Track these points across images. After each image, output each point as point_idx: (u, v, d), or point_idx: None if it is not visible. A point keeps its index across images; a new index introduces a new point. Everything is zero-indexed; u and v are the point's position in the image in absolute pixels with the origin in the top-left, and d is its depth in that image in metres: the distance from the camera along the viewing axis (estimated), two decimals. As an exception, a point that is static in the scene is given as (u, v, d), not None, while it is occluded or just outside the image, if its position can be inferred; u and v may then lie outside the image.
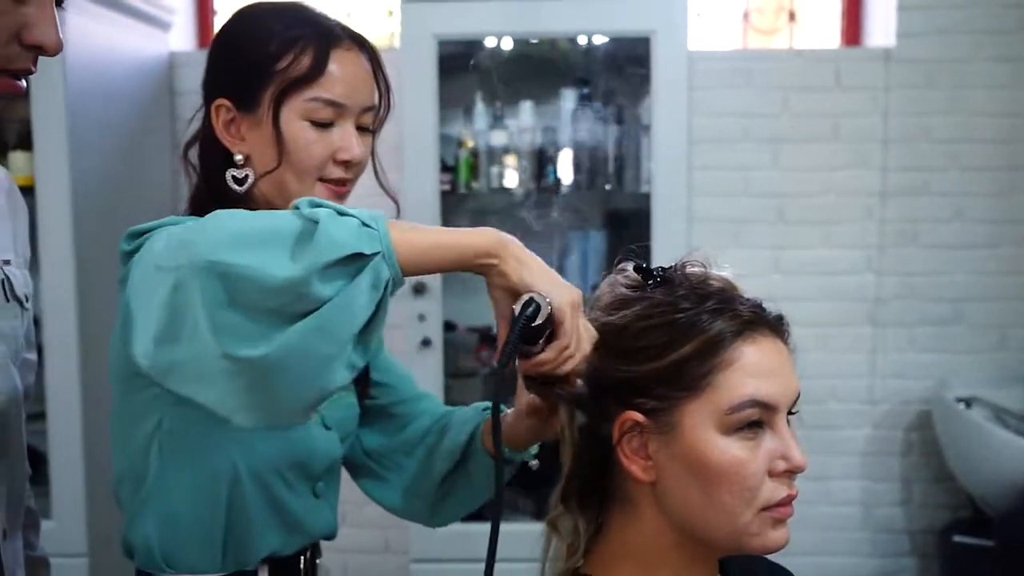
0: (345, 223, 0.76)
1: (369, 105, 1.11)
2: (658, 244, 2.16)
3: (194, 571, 1.07)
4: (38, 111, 2.09)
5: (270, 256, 0.74)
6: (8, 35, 0.88)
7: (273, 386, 0.76)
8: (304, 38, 1.06)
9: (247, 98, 1.06)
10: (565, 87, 2.38)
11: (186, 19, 2.78)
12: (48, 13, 0.90)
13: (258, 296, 0.74)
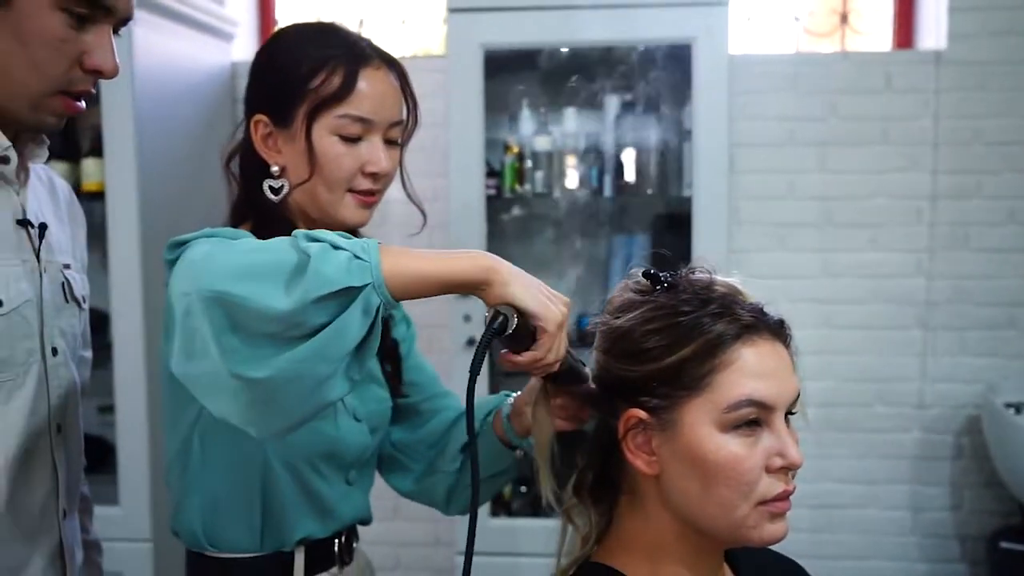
0: (336, 258, 0.81)
1: (396, 120, 1.18)
2: (699, 247, 2.19)
3: (235, 551, 1.15)
4: (108, 120, 2.21)
5: (266, 289, 0.80)
6: (71, 61, 0.98)
7: (276, 402, 0.83)
8: (334, 58, 1.14)
9: (283, 114, 1.15)
10: (609, 93, 2.42)
11: (248, 29, 2.89)
12: (106, 41, 1.00)
13: (256, 324, 0.80)
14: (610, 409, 0.98)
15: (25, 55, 0.97)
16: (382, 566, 2.80)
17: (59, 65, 0.98)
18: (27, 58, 0.97)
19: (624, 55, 2.32)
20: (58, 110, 1.02)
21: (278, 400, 0.83)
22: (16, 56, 0.97)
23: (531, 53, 2.32)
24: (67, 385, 1.11)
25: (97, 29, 0.99)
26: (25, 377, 1.03)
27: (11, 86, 0.99)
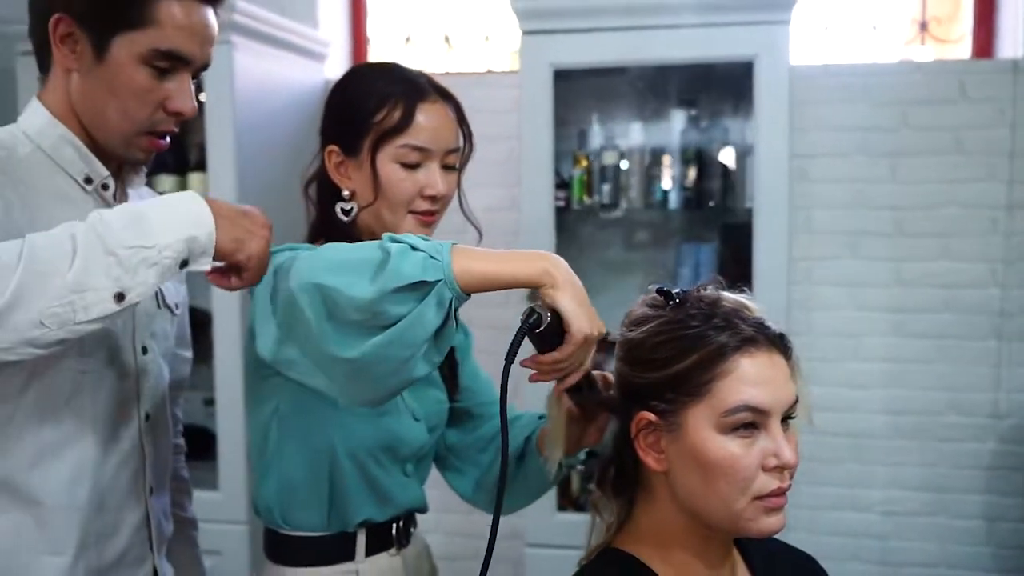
0: (413, 256, 0.97)
1: (452, 148, 1.32)
2: (760, 257, 2.25)
3: (305, 529, 1.31)
4: (212, 137, 2.42)
5: (354, 279, 0.97)
6: (155, 106, 1.16)
7: (364, 378, 1.00)
8: (396, 95, 1.28)
9: (351, 145, 1.30)
10: (674, 107, 2.51)
11: (341, 49, 3.08)
12: (185, 87, 1.17)
13: (347, 311, 0.97)
14: (625, 411, 1.09)
15: (117, 103, 1.15)
16: (462, 555, 2.97)
17: (145, 110, 1.16)
18: (118, 105, 1.15)
19: (688, 70, 2.40)
20: (145, 147, 1.19)
21: (366, 377, 1.00)
22: (110, 104, 1.15)
23: (600, 69, 2.43)
24: (156, 381, 1.28)
25: (177, 78, 1.16)
26: (115, 372, 1.20)
27: (106, 128, 1.17)
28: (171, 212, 1.00)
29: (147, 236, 0.98)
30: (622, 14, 2.26)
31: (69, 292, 0.94)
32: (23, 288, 0.93)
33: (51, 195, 1.15)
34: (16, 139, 1.17)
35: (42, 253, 0.95)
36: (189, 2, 1.14)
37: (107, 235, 0.96)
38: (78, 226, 0.98)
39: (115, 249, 0.96)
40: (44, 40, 1.16)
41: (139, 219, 0.99)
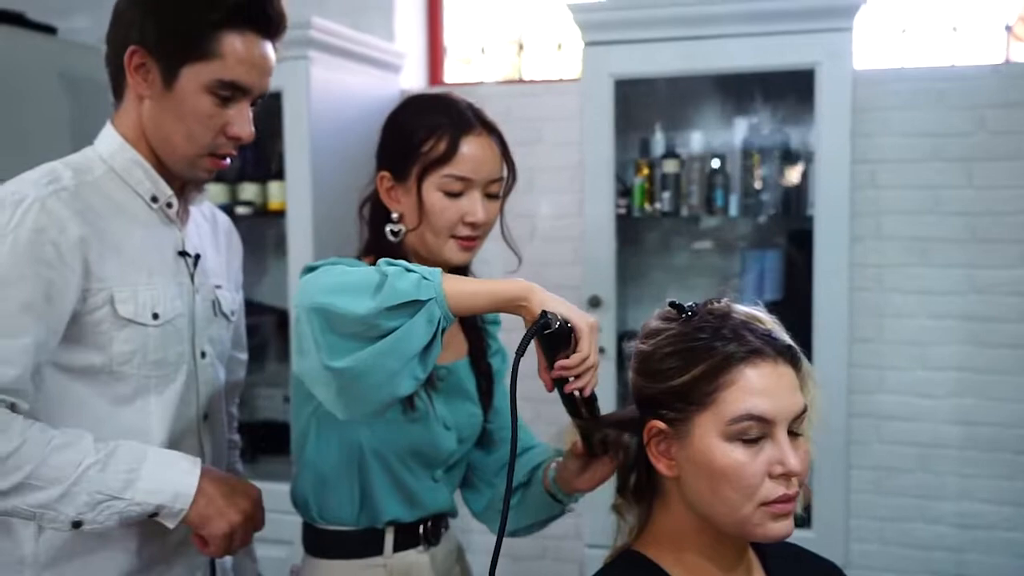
0: (407, 277, 1.05)
1: (495, 178, 1.39)
2: (821, 263, 2.25)
3: (336, 523, 1.39)
4: (289, 148, 2.55)
5: (353, 298, 1.04)
6: (216, 131, 1.27)
7: (354, 389, 1.07)
8: (442, 126, 1.35)
9: (401, 172, 1.38)
10: (736, 115, 2.52)
11: (417, 59, 3.18)
12: (244, 114, 1.28)
13: (344, 325, 1.04)
14: (640, 420, 1.14)
15: (183, 127, 1.26)
16: (526, 555, 3.04)
17: (207, 135, 1.27)
18: (184, 130, 1.26)
19: (751, 77, 2.40)
20: (207, 167, 1.30)
21: (357, 387, 1.06)
22: (176, 128, 1.26)
23: (662, 77, 2.45)
24: (213, 382, 1.38)
25: (237, 105, 1.27)
26: (176, 374, 1.31)
27: (173, 151, 1.28)
28: (160, 479, 1.19)
29: (126, 490, 1.17)
30: (682, 24, 2.28)
31: (40, 507, 1.15)
32: (17, 488, 1.13)
33: (121, 212, 1.27)
34: (91, 161, 1.29)
35: (47, 471, 1.14)
36: (250, 37, 1.25)
37: (90, 483, 1.15)
38: (90, 453, 1.16)
39: (92, 495, 1.16)
40: (119, 69, 1.27)
41: (133, 471, 1.18)
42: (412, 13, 3.16)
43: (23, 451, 1.12)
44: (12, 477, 1.12)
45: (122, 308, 1.24)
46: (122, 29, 1.26)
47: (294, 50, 2.48)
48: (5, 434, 1.12)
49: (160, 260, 1.31)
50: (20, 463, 1.12)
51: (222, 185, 2.78)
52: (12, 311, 1.14)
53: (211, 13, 1.22)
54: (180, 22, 1.23)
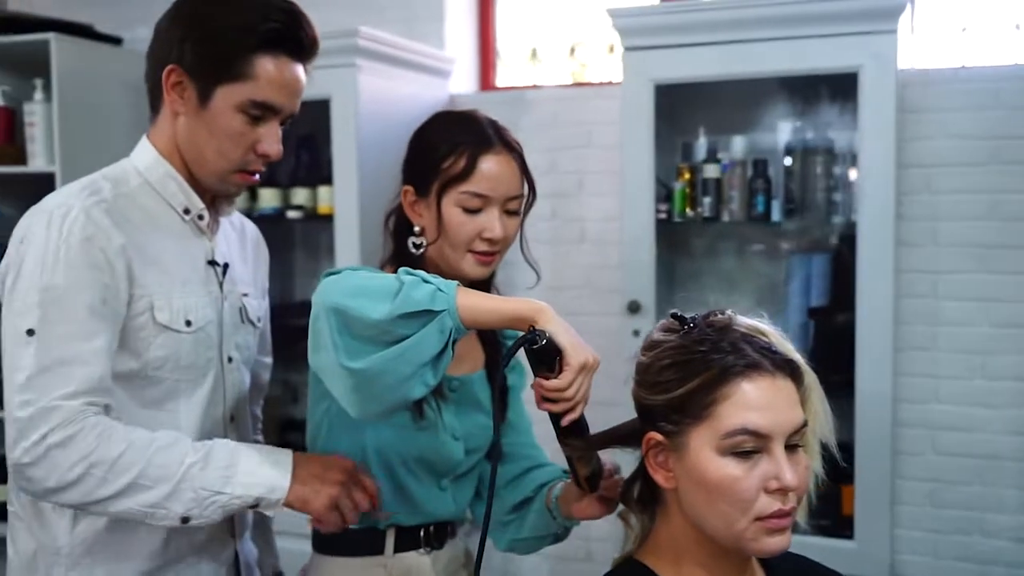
0: (423, 287, 1.09)
1: (514, 195, 1.40)
2: (864, 269, 2.21)
3: None
4: (337, 153, 2.61)
5: (370, 303, 1.09)
6: (247, 147, 1.32)
7: (367, 390, 1.11)
8: (462, 144, 1.38)
9: (423, 187, 1.41)
10: (779, 118, 2.48)
11: (467, 63, 3.21)
12: (274, 132, 1.33)
13: (360, 328, 1.09)
14: (641, 431, 1.14)
15: (215, 144, 1.31)
16: (573, 556, 3.05)
17: (238, 152, 1.32)
18: (216, 146, 1.32)
19: (793, 82, 2.37)
20: (237, 182, 1.36)
21: (370, 388, 1.11)
22: (209, 144, 1.32)
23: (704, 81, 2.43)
24: (239, 386, 1.44)
25: (267, 124, 1.32)
26: (204, 378, 1.37)
27: (204, 166, 1.34)
28: (255, 472, 1.24)
29: (227, 484, 1.22)
30: (723, 28, 2.26)
31: (151, 507, 1.20)
32: (126, 490, 1.19)
33: (154, 223, 1.33)
34: (128, 174, 1.35)
35: (154, 471, 1.20)
36: (283, 61, 1.30)
37: (193, 480, 1.21)
38: (190, 453, 1.22)
39: (197, 491, 1.21)
40: (157, 86, 1.33)
41: (230, 467, 1.23)
42: (464, 19, 3.19)
43: (129, 454, 1.18)
44: (122, 479, 1.18)
45: (160, 315, 1.30)
46: (162, 48, 1.32)
47: (342, 58, 2.54)
48: (110, 439, 1.18)
49: (192, 269, 1.36)
50: (128, 465, 1.18)
51: (275, 190, 2.86)
52: (82, 316, 1.21)
53: (247, 37, 1.27)
54: (217, 45, 1.28)
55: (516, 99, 3.04)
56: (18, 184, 3.05)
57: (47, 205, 1.27)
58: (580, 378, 1.10)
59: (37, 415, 1.17)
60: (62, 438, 1.17)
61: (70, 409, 1.18)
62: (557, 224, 2.99)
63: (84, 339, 1.21)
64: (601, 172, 2.92)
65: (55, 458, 1.17)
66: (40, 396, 1.18)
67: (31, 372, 1.19)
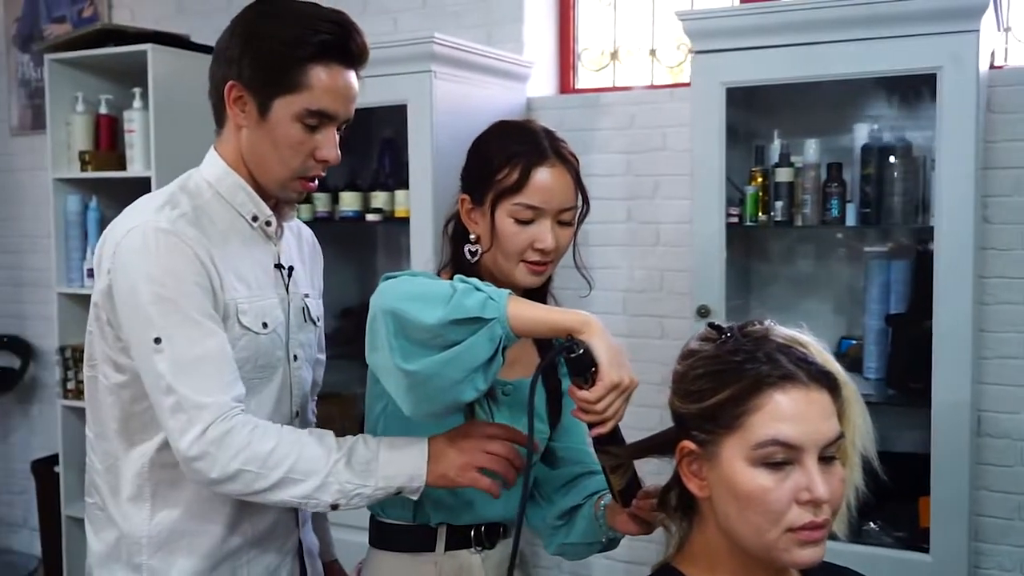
0: (475, 295, 1.15)
1: (567, 207, 1.44)
2: (941, 275, 2.14)
3: (395, 518, 1.49)
4: (413, 158, 2.67)
5: (424, 308, 1.15)
6: (306, 155, 1.39)
7: (420, 391, 1.17)
8: (517, 156, 1.41)
9: (478, 196, 1.45)
10: (855, 121, 2.43)
11: (549, 66, 3.24)
12: (331, 139, 1.40)
13: (414, 331, 1.15)
14: (676, 439, 1.15)
15: (276, 153, 1.38)
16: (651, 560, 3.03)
17: (298, 159, 1.39)
18: (277, 156, 1.38)
19: (869, 83, 2.31)
20: (298, 189, 1.43)
21: (423, 389, 1.17)
22: (271, 154, 1.39)
23: (778, 84, 2.40)
24: (303, 383, 1.51)
25: (324, 131, 1.39)
26: (274, 377, 1.44)
27: (268, 174, 1.41)
28: (395, 466, 1.29)
29: (368, 478, 1.29)
30: (794, 31, 2.23)
31: (303, 498, 1.29)
32: (280, 483, 1.28)
33: (227, 231, 1.41)
34: (200, 186, 1.43)
35: (303, 465, 1.28)
36: (335, 69, 1.36)
37: (339, 475, 1.28)
38: (332, 451, 1.29)
39: (343, 484, 1.28)
40: (220, 101, 1.40)
41: (371, 462, 1.29)
42: (544, 22, 3.21)
43: (280, 449, 1.27)
44: (275, 473, 1.26)
45: (244, 318, 1.38)
46: (222, 66, 1.39)
47: (417, 64, 2.60)
48: (264, 435, 1.27)
49: (263, 273, 1.44)
50: (280, 460, 1.26)
51: (356, 193, 2.94)
52: (199, 318, 1.29)
53: (299, 50, 1.34)
54: (272, 59, 1.34)
55: (592, 102, 3.06)
56: (119, 188, 3.22)
57: (134, 221, 1.34)
58: (612, 395, 1.14)
59: (192, 412, 1.26)
60: (219, 433, 1.26)
61: (219, 405, 1.27)
62: (632, 227, 2.99)
63: (209, 339, 1.29)
64: (676, 175, 2.90)
65: (215, 453, 1.26)
66: (188, 395, 1.26)
67: (171, 376, 1.27)
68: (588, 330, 1.15)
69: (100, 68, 3.24)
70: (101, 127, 3.24)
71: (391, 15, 3.27)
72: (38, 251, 3.93)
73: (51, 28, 3.91)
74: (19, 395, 4.12)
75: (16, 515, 4.17)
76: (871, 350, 2.48)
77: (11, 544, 4.18)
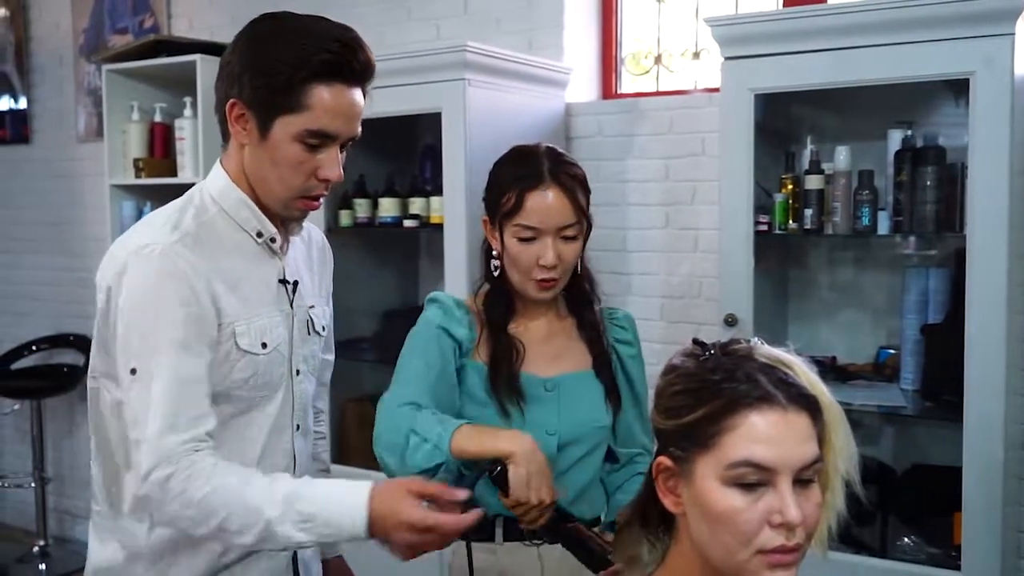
0: (422, 449, 1.44)
1: (565, 224, 1.55)
2: (974, 285, 2.09)
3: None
4: (447, 166, 2.70)
5: (389, 457, 1.50)
6: (307, 175, 1.39)
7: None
8: (515, 182, 1.55)
9: (492, 218, 1.60)
10: (888, 127, 2.37)
11: (590, 71, 3.24)
12: (333, 157, 1.39)
13: (386, 470, 1.52)
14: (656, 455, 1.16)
15: (277, 173, 1.38)
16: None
17: (299, 179, 1.38)
18: (277, 175, 1.38)
19: (900, 89, 2.26)
20: (300, 208, 1.43)
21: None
22: (271, 173, 1.39)
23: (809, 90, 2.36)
24: (305, 396, 1.53)
25: (326, 150, 1.38)
26: (276, 392, 1.46)
27: (269, 193, 1.41)
28: (331, 523, 1.27)
29: (307, 534, 1.27)
30: (825, 36, 2.19)
31: (250, 546, 1.31)
32: (218, 533, 1.29)
33: (233, 249, 1.41)
34: (205, 202, 1.42)
35: (237, 521, 1.27)
36: (337, 88, 1.34)
37: (278, 530, 1.26)
38: (267, 507, 1.26)
39: (280, 539, 1.28)
40: (224, 118, 1.40)
41: (307, 521, 1.26)
42: (585, 28, 3.22)
43: (212, 499, 1.25)
44: (211, 522, 1.26)
45: (241, 341, 1.38)
46: (225, 82, 1.39)
47: (451, 72, 2.63)
48: (197, 484, 1.26)
49: (266, 290, 1.44)
50: (212, 510, 1.25)
51: (394, 200, 2.99)
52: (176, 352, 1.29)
53: (300, 70, 1.32)
54: (272, 78, 1.33)
55: (630, 107, 3.05)
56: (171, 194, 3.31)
57: (136, 241, 1.35)
58: (521, 508, 1.42)
59: (146, 452, 1.27)
60: (161, 477, 1.26)
61: (168, 448, 1.26)
62: (670, 232, 2.98)
63: (181, 374, 1.29)
64: (715, 180, 2.87)
65: (155, 496, 1.27)
66: (144, 433, 1.27)
67: (137, 409, 1.28)
68: (513, 459, 1.41)
69: (154, 78, 3.36)
70: (155, 135, 3.36)
71: (433, 22, 3.31)
72: (100, 254, 4.07)
73: (114, 39, 4.06)
74: (84, 391, 4.28)
75: (80, 507, 4.34)
76: (907, 361, 2.42)
77: (76, 535, 4.36)
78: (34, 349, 4.31)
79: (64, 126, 4.30)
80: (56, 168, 4.36)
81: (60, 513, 4.47)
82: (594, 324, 1.65)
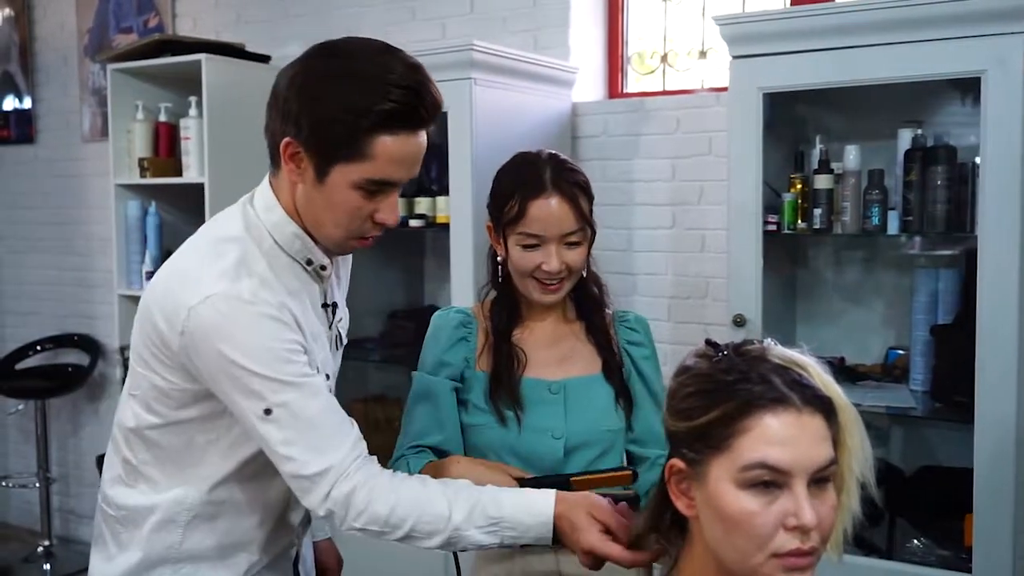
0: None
1: (568, 231, 1.54)
2: (985, 286, 2.07)
3: None
4: (453, 165, 2.69)
5: None
6: (363, 219, 1.34)
7: None
8: (517, 191, 1.55)
9: (496, 225, 1.60)
10: (897, 126, 2.36)
11: (597, 70, 3.22)
12: (392, 203, 1.35)
13: None
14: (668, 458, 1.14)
15: (332, 216, 1.32)
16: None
17: (355, 223, 1.32)
18: (333, 218, 1.32)
19: (910, 88, 2.24)
20: (353, 247, 1.39)
21: None
22: (326, 215, 1.32)
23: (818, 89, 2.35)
24: None
25: (384, 196, 1.32)
26: None
27: (322, 233, 1.35)
28: (520, 524, 1.31)
29: (495, 538, 1.31)
30: (834, 35, 2.17)
31: (440, 546, 1.32)
32: (407, 539, 1.32)
33: (290, 280, 1.35)
34: (262, 234, 1.35)
35: (424, 527, 1.31)
36: (403, 136, 1.26)
37: (465, 533, 1.30)
38: (455, 511, 1.30)
39: (467, 543, 1.32)
40: (276, 151, 1.32)
41: (496, 523, 1.30)
42: (592, 27, 3.20)
43: (397, 511, 1.29)
44: (399, 531, 1.30)
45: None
46: (279, 118, 1.30)
47: (458, 72, 2.61)
48: (382, 496, 1.29)
49: (316, 317, 1.40)
50: (400, 521, 1.29)
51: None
52: (302, 381, 1.28)
53: (364, 119, 1.24)
54: (333, 125, 1.25)
55: (637, 106, 3.03)
56: (176, 193, 3.33)
57: (210, 288, 1.27)
58: None
59: (313, 478, 1.27)
60: (343, 494, 1.28)
61: (337, 466, 1.28)
62: (677, 232, 2.97)
63: (313, 400, 1.28)
64: (722, 180, 2.86)
65: (340, 513, 1.29)
66: (306, 461, 1.27)
67: (283, 446, 1.27)
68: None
69: (159, 77, 3.35)
70: (160, 134, 3.35)
71: (439, 21, 3.30)
72: (105, 253, 4.09)
73: (119, 38, 4.06)
74: (89, 391, 4.29)
75: (85, 507, 4.34)
76: (917, 362, 2.41)
77: (80, 535, 4.36)
78: (39, 349, 4.31)
79: (69, 126, 4.30)
80: (61, 168, 4.36)
81: (65, 513, 4.47)
82: (603, 328, 1.64)
